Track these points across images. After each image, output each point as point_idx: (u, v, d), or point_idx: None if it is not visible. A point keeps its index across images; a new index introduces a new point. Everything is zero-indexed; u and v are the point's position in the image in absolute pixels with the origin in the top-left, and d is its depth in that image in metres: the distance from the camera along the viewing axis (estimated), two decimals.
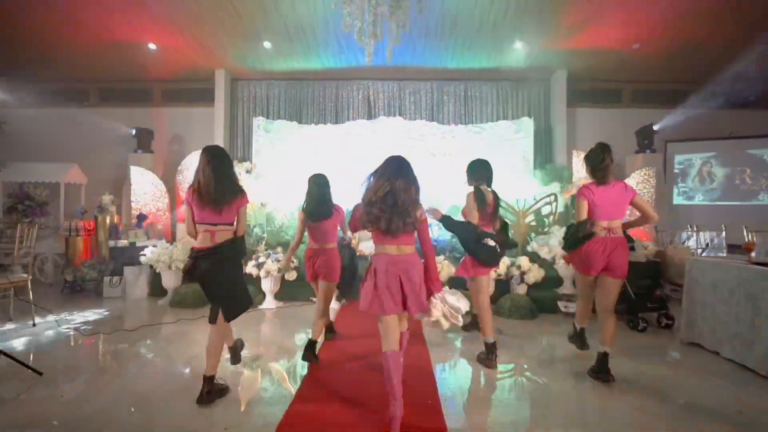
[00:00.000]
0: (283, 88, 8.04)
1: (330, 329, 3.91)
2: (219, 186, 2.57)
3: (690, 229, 6.29)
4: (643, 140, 7.23)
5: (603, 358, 2.97)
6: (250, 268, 5.02)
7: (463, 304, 2.59)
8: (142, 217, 6.13)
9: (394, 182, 2.30)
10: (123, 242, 5.81)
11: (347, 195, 3.65)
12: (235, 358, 3.12)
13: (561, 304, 4.63)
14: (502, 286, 5.02)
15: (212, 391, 2.61)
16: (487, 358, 3.26)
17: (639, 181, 7.09)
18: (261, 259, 5.03)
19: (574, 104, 7.96)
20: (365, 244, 5.78)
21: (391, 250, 2.36)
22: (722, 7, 5.57)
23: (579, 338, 3.46)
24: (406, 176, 2.34)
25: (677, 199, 7.52)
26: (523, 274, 4.88)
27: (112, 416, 2.43)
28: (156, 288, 5.48)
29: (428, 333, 3.99)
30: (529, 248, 5.47)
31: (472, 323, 3.98)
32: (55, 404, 2.57)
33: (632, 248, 4.50)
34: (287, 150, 7.36)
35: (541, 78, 8.00)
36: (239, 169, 7.10)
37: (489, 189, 3.27)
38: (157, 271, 5.24)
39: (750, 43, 6.34)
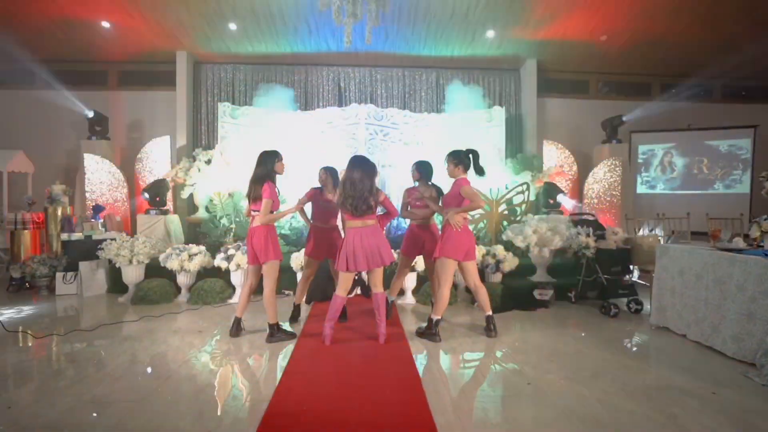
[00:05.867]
0: (249, 72, 7.69)
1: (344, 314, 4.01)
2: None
3: (657, 217, 6.52)
4: (610, 131, 7.42)
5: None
6: (218, 261, 4.78)
7: None
8: (98, 209, 5.68)
9: (354, 175, 3.23)
10: (77, 235, 5.39)
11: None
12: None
13: (536, 292, 4.68)
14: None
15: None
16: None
17: (606, 171, 7.29)
18: (230, 252, 4.79)
19: (544, 94, 8.07)
20: None
21: (357, 224, 3.27)
22: (679, 4, 5.79)
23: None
24: (362, 170, 3.25)
25: (640, 188, 7.80)
26: (498, 262, 4.90)
27: (71, 424, 2.21)
28: (116, 284, 5.13)
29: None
30: (503, 237, 5.50)
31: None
32: (1, 416, 2.32)
33: (602, 236, 4.61)
34: (254, 137, 7.08)
35: (512, 68, 8.06)
36: (203, 157, 6.75)
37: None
38: (117, 265, 4.89)
39: (706, 39, 6.63)
